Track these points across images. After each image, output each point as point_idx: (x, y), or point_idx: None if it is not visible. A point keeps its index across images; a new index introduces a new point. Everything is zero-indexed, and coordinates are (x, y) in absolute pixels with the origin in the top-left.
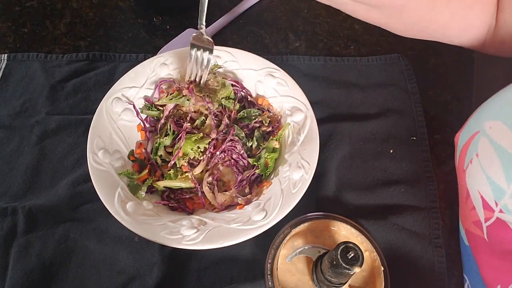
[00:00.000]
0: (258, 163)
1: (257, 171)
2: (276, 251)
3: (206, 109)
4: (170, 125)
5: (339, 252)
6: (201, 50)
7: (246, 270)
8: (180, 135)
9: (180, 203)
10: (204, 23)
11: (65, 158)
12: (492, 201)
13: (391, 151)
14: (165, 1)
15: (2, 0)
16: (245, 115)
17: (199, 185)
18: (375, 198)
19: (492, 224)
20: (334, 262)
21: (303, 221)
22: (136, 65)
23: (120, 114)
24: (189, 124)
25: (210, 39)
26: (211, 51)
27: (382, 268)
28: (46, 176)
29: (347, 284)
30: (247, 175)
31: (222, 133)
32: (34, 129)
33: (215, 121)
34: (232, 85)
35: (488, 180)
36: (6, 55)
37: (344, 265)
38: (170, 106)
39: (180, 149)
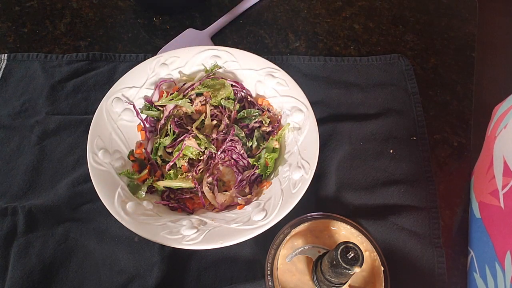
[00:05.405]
0: (258, 163)
1: (257, 171)
2: (276, 251)
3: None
4: (170, 126)
5: (339, 252)
6: None
7: (246, 270)
8: (182, 137)
9: (180, 203)
10: None
11: (65, 158)
12: None
13: (391, 151)
14: (165, 1)
15: (2, 0)
16: (245, 115)
17: (199, 185)
18: (375, 198)
19: (508, 190)
20: (334, 262)
21: (303, 221)
22: (136, 65)
23: (120, 114)
24: (196, 129)
25: None
26: None
27: (382, 268)
28: (46, 176)
29: (347, 284)
30: (247, 175)
31: (222, 133)
32: (34, 129)
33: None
34: (232, 85)
35: None
36: (6, 55)
37: (344, 265)
38: (170, 106)
39: (181, 151)
